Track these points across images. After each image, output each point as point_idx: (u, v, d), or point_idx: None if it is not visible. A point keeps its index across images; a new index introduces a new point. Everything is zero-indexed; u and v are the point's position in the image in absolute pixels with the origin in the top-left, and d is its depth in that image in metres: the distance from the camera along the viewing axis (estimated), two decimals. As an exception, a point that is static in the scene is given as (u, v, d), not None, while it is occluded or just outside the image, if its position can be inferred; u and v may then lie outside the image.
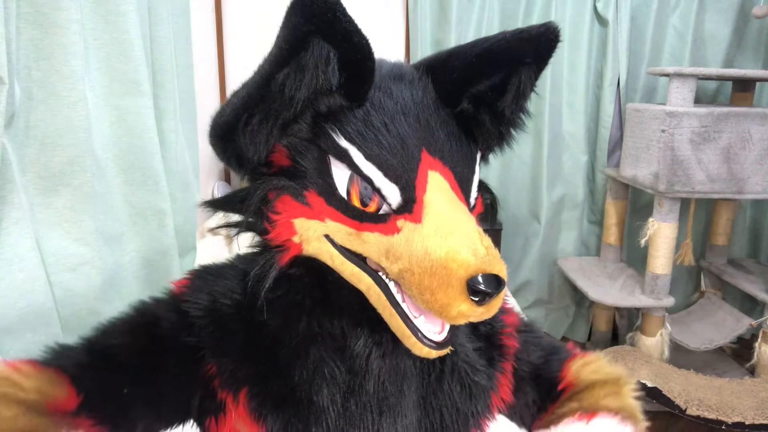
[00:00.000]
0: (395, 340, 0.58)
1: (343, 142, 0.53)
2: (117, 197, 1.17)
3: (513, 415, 0.71)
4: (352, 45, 0.49)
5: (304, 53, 0.48)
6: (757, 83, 2.16)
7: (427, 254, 0.49)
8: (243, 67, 0.56)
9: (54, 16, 0.94)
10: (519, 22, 2.21)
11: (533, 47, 0.57)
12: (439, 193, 0.53)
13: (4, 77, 0.82)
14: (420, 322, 0.54)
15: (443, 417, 0.63)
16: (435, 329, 0.55)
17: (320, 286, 0.58)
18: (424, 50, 2.16)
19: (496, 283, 0.49)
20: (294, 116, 0.52)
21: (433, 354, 0.54)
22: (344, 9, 0.46)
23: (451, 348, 0.56)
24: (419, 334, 0.54)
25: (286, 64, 0.48)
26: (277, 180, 0.54)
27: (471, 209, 0.59)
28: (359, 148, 0.53)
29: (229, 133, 0.52)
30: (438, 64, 0.61)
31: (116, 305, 1.17)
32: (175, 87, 1.33)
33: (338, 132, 0.53)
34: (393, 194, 0.53)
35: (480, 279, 0.48)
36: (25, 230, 0.94)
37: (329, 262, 0.55)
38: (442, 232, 0.50)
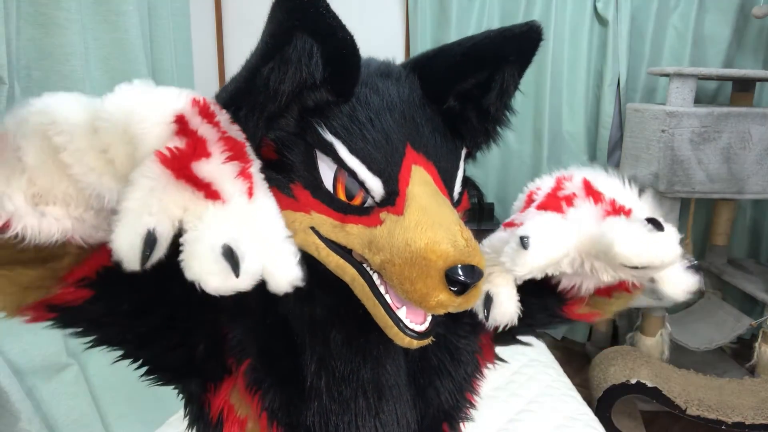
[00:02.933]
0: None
1: (329, 136, 0.54)
2: (117, 197, 1.17)
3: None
4: (336, 40, 0.50)
5: (287, 47, 0.49)
6: (757, 83, 2.16)
7: (407, 245, 0.51)
8: (243, 67, 0.58)
9: (54, 16, 0.95)
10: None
11: (516, 45, 0.58)
12: (422, 186, 0.55)
13: (4, 77, 0.83)
14: (402, 313, 0.55)
15: (438, 391, 0.65)
16: (417, 320, 0.56)
17: (309, 277, 0.59)
18: (424, 50, 2.16)
19: (474, 274, 0.50)
20: (279, 110, 0.53)
21: (415, 344, 0.55)
22: (327, 5, 0.48)
23: (433, 338, 0.57)
24: (401, 325, 0.55)
25: (271, 58, 0.50)
26: (265, 173, 0.55)
27: (456, 204, 0.61)
28: (344, 142, 0.54)
29: None
30: (425, 62, 0.63)
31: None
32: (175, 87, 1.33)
33: (324, 126, 0.54)
34: (376, 187, 0.54)
35: (458, 270, 0.49)
36: (25, 230, 0.94)
37: (315, 254, 0.56)
38: (423, 224, 0.51)
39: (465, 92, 0.61)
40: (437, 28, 2.20)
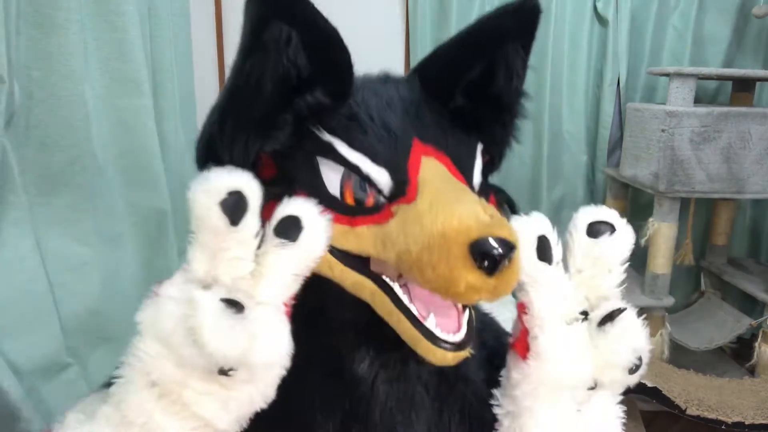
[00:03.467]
0: (404, 362, 0.55)
1: (327, 137, 0.51)
2: (117, 197, 1.17)
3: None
4: (317, 29, 0.48)
5: (263, 35, 0.47)
6: (757, 83, 2.16)
7: (423, 228, 0.45)
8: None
9: (54, 16, 0.95)
10: (519, 22, 2.20)
11: (514, 20, 0.56)
12: (435, 172, 0.51)
13: (4, 77, 0.83)
14: (431, 322, 0.49)
15: None
16: (450, 328, 0.49)
17: (320, 304, 0.54)
18: (424, 50, 2.16)
19: (504, 244, 0.43)
20: (267, 114, 0.50)
21: (450, 358, 0.48)
22: None
23: (471, 351, 0.50)
24: (432, 336, 0.48)
25: (251, 53, 0.48)
26: (264, 189, 0.50)
27: None
28: (343, 139, 0.51)
29: (212, 151, 0.51)
30: (424, 63, 0.60)
31: (116, 305, 1.18)
32: (175, 87, 1.33)
33: (321, 128, 0.51)
34: (383, 179, 0.51)
35: (484, 242, 0.42)
36: (26, 230, 0.94)
37: (329, 273, 0.52)
38: (438, 203, 0.46)
39: (471, 86, 0.57)
40: (437, 28, 2.20)
